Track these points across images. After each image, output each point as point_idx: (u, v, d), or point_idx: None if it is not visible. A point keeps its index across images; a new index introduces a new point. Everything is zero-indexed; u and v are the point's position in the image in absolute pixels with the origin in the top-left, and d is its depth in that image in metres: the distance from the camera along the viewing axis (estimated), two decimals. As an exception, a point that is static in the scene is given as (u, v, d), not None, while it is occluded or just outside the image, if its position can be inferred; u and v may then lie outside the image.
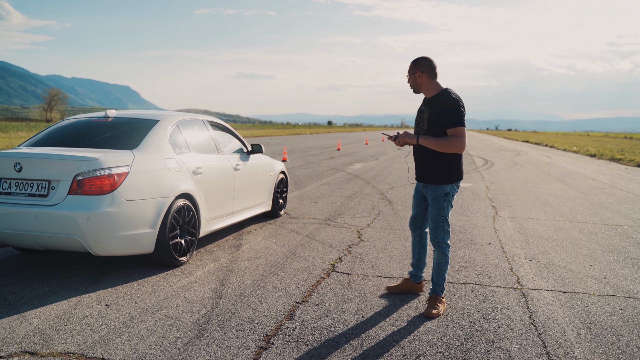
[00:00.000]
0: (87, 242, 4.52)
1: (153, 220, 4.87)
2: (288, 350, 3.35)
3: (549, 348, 3.44)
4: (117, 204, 4.59)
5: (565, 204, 9.68)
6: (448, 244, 4.18)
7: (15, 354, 3.27)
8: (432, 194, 4.14)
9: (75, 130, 5.63)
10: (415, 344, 3.46)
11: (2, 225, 4.67)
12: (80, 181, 4.53)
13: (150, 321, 3.79)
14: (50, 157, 4.70)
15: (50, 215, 4.50)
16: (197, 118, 6.41)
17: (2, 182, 4.76)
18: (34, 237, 4.62)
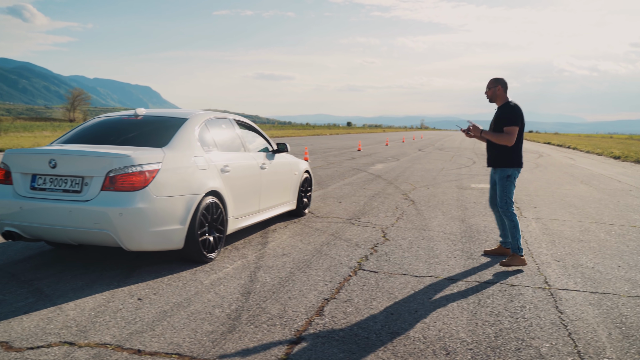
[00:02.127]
0: (119, 237, 4.62)
1: (183, 217, 4.96)
2: (319, 345, 3.40)
3: (580, 347, 3.44)
4: (149, 200, 4.68)
5: (590, 206, 9.59)
6: (513, 212, 5.44)
7: (54, 344, 3.36)
8: (499, 175, 5.52)
9: (106, 128, 5.75)
10: (445, 341, 3.49)
11: (37, 220, 4.79)
12: (112, 177, 4.63)
13: (183, 315, 3.87)
14: (84, 154, 4.81)
15: (83, 211, 4.61)
16: (224, 116, 6.48)
17: (37, 178, 4.89)
18: (67, 232, 4.73)
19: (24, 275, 4.82)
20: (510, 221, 5.43)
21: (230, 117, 6.64)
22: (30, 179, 4.92)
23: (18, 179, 4.96)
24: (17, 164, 5.00)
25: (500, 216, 5.72)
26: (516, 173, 5.49)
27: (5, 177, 5.04)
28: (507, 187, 5.46)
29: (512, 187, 5.48)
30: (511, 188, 5.47)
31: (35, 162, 4.92)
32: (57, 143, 5.57)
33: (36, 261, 5.28)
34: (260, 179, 6.48)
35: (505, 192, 5.46)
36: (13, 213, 4.88)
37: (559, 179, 14.47)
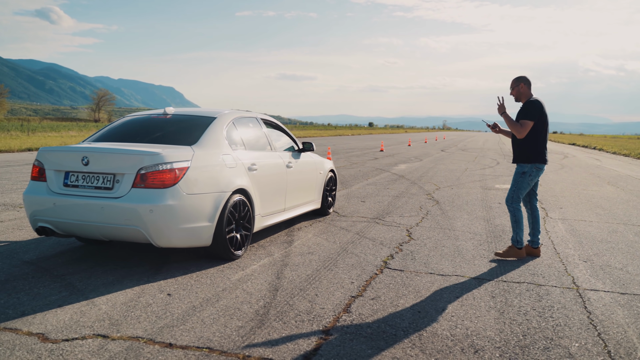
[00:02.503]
0: (150, 234, 4.71)
1: (211, 214, 5.03)
2: (347, 341, 3.43)
3: (610, 347, 3.42)
4: (179, 197, 4.76)
5: (618, 207, 9.46)
6: (518, 208, 5.58)
7: (88, 336, 3.44)
8: (515, 170, 5.67)
9: (135, 126, 5.86)
10: (473, 339, 3.49)
11: (70, 216, 4.91)
12: (143, 175, 4.71)
13: (212, 310, 3.93)
14: (115, 152, 4.91)
15: (115, 207, 4.71)
16: (251, 115, 6.55)
17: (70, 175, 5.01)
18: (99, 228, 4.83)
19: (56, 270, 4.93)
20: (513, 216, 5.59)
21: (257, 116, 6.71)
22: (64, 176, 5.04)
23: (52, 176, 5.09)
24: (50, 161, 5.13)
25: (532, 213, 5.78)
26: (534, 170, 5.54)
27: (40, 174, 5.18)
28: (519, 182, 5.56)
29: (526, 184, 5.56)
30: (523, 185, 5.56)
31: (68, 159, 5.03)
32: (88, 141, 5.68)
33: (67, 256, 5.40)
34: (286, 177, 6.54)
35: (516, 186, 5.58)
36: (47, 209, 5.01)
37: (585, 180, 14.28)
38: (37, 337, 3.43)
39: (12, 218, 7.34)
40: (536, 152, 5.51)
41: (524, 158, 5.55)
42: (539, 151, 5.52)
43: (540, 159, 5.53)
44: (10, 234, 6.37)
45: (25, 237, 6.22)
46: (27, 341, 3.36)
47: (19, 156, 19.00)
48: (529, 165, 5.54)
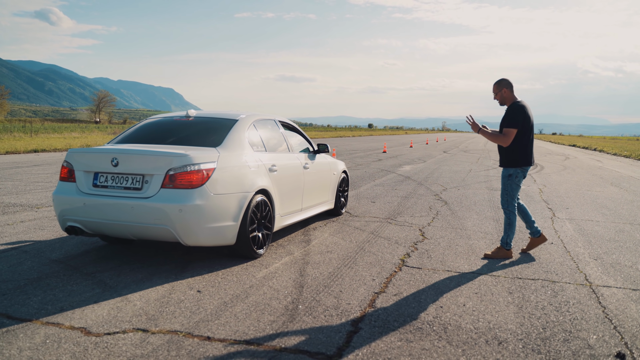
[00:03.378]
0: (178, 233, 4.87)
1: (236, 214, 5.20)
2: (376, 334, 3.60)
3: (626, 339, 3.59)
4: (206, 197, 4.92)
5: (623, 207, 9.64)
6: (512, 211, 5.69)
7: (128, 330, 3.61)
8: (502, 174, 5.78)
9: (160, 128, 6.04)
10: (496, 332, 3.66)
11: (99, 216, 5.06)
12: (172, 175, 4.87)
13: (243, 306, 4.10)
14: (145, 153, 5.05)
15: (145, 207, 4.86)
16: (270, 117, 6.72)
17: (99, 176, 5.17)
18: (129, 227, 4.99)
19: (85, 268, 5.10)
20: (507, 218, 5.72)
21: (275, 118, 6.87)
22: (93, 176, 5.19)
23: (81, 176, 5.24)
24: (80, 162, 5.29)
25: (519, 208, 5.90)
26: (519, 172, 5.63)
27: (69, 175, 5.33)
28: (508, 185, 5.68)
29: (515, 186, 5.66)
30: (512, 187, 5.66)
31: (98, 160, 5.18)
32: (112, 143, 5.84)
33: (93, 255, 5.56)
34: (304, 178, 6.72)
35: (506, 190, 5.70)
36: (76, 209, 5.17)
37: (588, 181, 14.46)
38: (80, 330, 3.60)
39: (32, 218, 7.51)
40: (523, 155, 5.59)
41: (511, 162, 5.61)
42: (525, 154, 5.60)
43: (527, 162, 5.62)
44: (33, 233, 6.54)
45: (48, 236, 6.39)
46: (71, 335, 3.53)
47: (25, 157, 19.19)
48: (515, 169, 5.63)
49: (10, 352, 3.24)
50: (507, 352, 3.35)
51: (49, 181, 11.87)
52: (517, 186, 5.67)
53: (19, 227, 6.88)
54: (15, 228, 6.84)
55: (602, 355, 3.34)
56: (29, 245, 5.95)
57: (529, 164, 5.63)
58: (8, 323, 3.69)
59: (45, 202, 8.95)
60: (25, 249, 5.78)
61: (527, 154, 5.61)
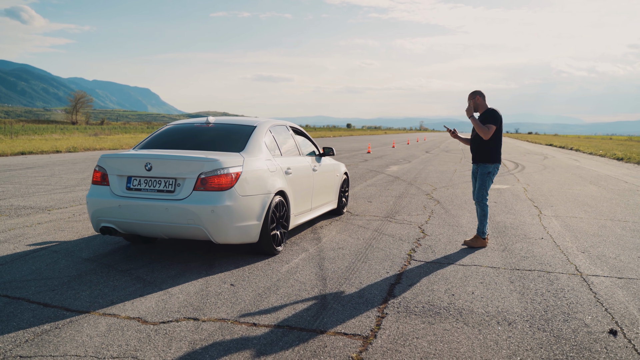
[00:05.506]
0: (210, 232, 5.30)
1: (259, 214, 5.64)
2: (402, 318, 4.10)
3: (617, 319, 4.15)
4: (234, 198, 5.35)
5: (603, 205, 10.30)
6: (486, 204, 6.41)
7: (180, 319, 4.05)
8: (480, 171, 6.46)
9: (182, 134, 6.45)
10: (505, 315, 4.19)
11: (134, 217, 5.46)
12: (204, 179, 5.28)
13: (276, 297, 4.56)
14: (178, 158, 5.44)
15: (179, 209, 5.27)
16: (282, 123, 7.19)
17: (132, 180, 5.55)
18: (162, 227, 5.40)
19: (119, 265, 5.51)
20: (482, 210, 6.46)
21: (286, 124, 7.35)
22: (126, 180, 5.57)
23: (114, 180, 5.61)
24: (113, 167, 5.66)
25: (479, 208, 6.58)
26: (495, 170, 6.47)
27: (102, 179, 5.70)
28: (486, 181, 6.45)
29: (490, 182, 6.48)
30: (489, 182, 6.47)
31: (131, 165, 5.56)
32: (139, 148, 6.23)
33: (122, 254, 5.96)
34: (313, 180, 7.21)
35: (484, 185, 6.46)
36: (111, 211, 5.55)
37: (568, 180, 15.18)
38: (137, 320, 4.02)
39: (47, 220, 7.85)
40: (498, 153, 6.42)
41: (488, 159, 6.41)
42: (499, 152, 6.44)
43: (499, 159, 6.46)
44: (55, 234, 6.90)
45: (70, 237, 6.75)
46: (130, 324, 3.95)
47: (14, 160, 19.28)
48: (492, 165, 6.43)
49: (82, 339, 3.66)
50: (517, 330, 3.88)
51: (49, 184, 12.14)
52: (491, 181, 6.48)
53: (38, 229, 7.22)
54: (35, 230, 7.19)
55: (597, 332, 3.90)
56: (55, 245, 6.32)
57: (498, 161, 6.46)
58: (69, 315, 4.10)
59: (54, 204, 9.27)
60: (54, 249, 6.15)
61: (500, 152, 6.48)
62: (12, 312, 4.15)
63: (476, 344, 3.65)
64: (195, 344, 3.59)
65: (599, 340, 3.76)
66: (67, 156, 21.74)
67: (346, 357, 3.42)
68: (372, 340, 3.68)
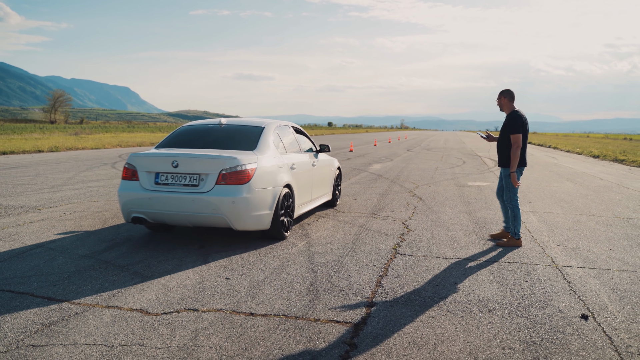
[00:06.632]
0: (231, 220, 6.02)
1: (271, 204, 6.36)
2: (389, 307, 4.37)
3: (588, 305, 4.48)
4: (251, 191, 6.06)
5: (578, 201, 10.71)
6: (516, 205, 6.57)
7: (181, 310, 4.28)
8: (502, 173, 6.74)
9: (198, 134, 7.14)
10: (485, 303, 4.49)
11: (162, 208, 6.13)
12: (224, 174, 5.99)
13: (270, 289, 4.81)
14: (202, 157, 6.14)
15: (203, 200, 5.96)
16: (285, 124, 7.97)
17: (160, 175, 6.22)
18: (188, 216, 6.10)
19: (116, 261, 5.70)
20: (512, 212, 6.63)
21: (289, 124, 8.14)
22: (154, 176, 6.25)
23: (144, 176, 6.28)
24: (142, 164, 6.32)
25: (505, 206, 6.85)
26: (519, 173, 6.59)
27: (132, 175, 6.36)
28: (510, 183, 6.63)
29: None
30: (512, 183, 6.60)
31: (159, 163, 6.22)
32: (161, 147, 6.87)
33: (119, 250, 6.15)
34: (312, 174, 7.98)
35: (507, 187, 6.68)
36: (141, 203, 6.22)
37: (546, 177, 15.63)
38: (140, 312, 4.24)
39: (39, 219, 7.98)
40: (520, 157, 6.53)
41: (508, 162, 6.56)
42: (520, 156, 6.54)
43: (522, 162, 6.58)
44: (49, 232, 7.05)
45: (64, 235, 6.91)
46: (134, 315, 4.17)
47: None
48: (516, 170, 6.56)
49: (89, 329, 3.87)
50: (497, 317, 4.18)
51: (35, 183, 12.20)
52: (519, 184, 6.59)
53: (31, 228, 7.37)
54: (28, 228, 7.33)
55: (570, 316, 4.22)
56: (50, 243, 6.48)
57: (523, 165, 6.58)
58: (74, 308, 4.31)
59: (43, 203, 9.38)
60: (49, 246, 6.32)
61: (523, 156, 6.57)
62: (18, 305, 4.34)
63: (459, 328, 3.95)
64: (197, 333, 3.82)
65: (571, 324, 4.08)
66: (49, 156, 21.68)
67: (340, 342, 3.68)
68: (362, 327, 3.95)
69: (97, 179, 13.33)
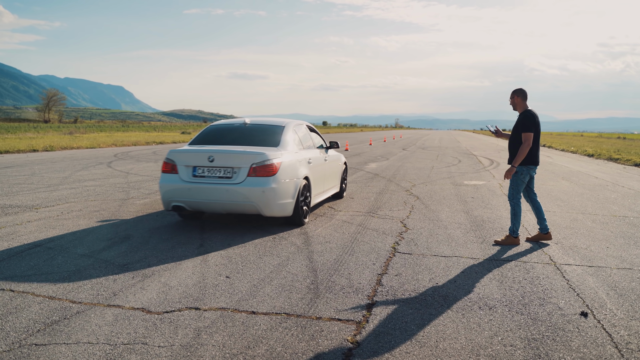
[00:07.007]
0: (260, 208, 6.87)
1: (293, 194, 7.20)
2: (390, 304, 4.40)
3: (587, 302, 4.52)
4: (278, 182, 6.88)
5: (574, 199, 10.77)
6: (517, 203, 6.60)
7: (183, 309, 4.28)
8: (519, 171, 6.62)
9: (226, 132, 8.00)
10: (485, 300, 4.52)
11: (200, 197, 6.96)
12: (255, 168, 6.83)
13: (271, 288, 4.82)
14: (235, 152, 6.97)
15: (237, 190, 6.81)
16: (301, 123, 8.84)
17: (197, 169, 7.06)
18: (223, 204, 6.95)
19: (115, 260, 5.70)
20: (512, 209, 6.65)
21: (304, 123, 9.03)
22: (192, 169, 7.07)
23: (182, 169, 7.12)
24: (180, 159, 7.16)
25: (534, 205, 6.80)
26: (524, 170, 6.56)
27: (172, 169, 7.19)
28: (514, 181, 6.65)
29: (520, 182, 6.61)
30: (518, 182, 6.62)
31: (197, 158, 7.07)
32: (193, 144, 7.71)
33: (116, 250, 6.14)
34: (325, 168, 8.83)
35: (511, 185, 6.68)
36: (181, 193, 7.04)
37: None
38: (141, 310, 4.25)
39: (36, 218, 7.96)
40: (529, 156, 6.49)
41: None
42: (531, 155, 6.50)
43: (532, 161, 6.53)
44: (47, 232, 7.04)
45: (62, 235, 6.90)
46: (135, 313, 4.18)
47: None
48: (520, 167, 6.54)
49: (92, 328, 3.88)
50: (497, 314, 4.21)
51: (31, 183, 12.17)
52: (522, 182, 6.60)
53: (29, 227, 7.35)
54: (26, 227, 7.32)
55: (570, 314, 4.25)
56: (49, 242, 6.47)
57: (533, 164, 6.55)
58: (75, 307, 4.31)
59: (40, 203, 9.36)
60: (48, 245, 6.31)
61: (532, 155, 6.52)
62: (20, 305, 4.33)
63: (460, 326, 3.97)
64: (200, 331, 3.83)
65: (571, 321, 4.11)
66: (44, 155, 21.61)
67: (342, 340, 3.70)
68: (364, 325, 3.97)
69: (93, 179, 13.30)
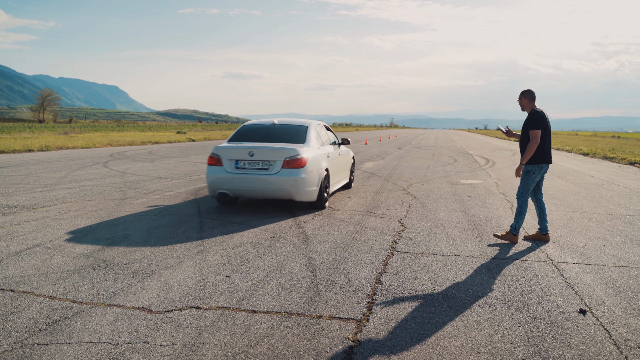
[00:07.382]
0: (292, 194, 8.27)
1: (317, 182, 8.59)
2: (390, 303, 4.42)
3: (585, 300, 4.55)
4: (306, 173, 8.27)
5: (571, 198, 10.82)
6: (524, 202, 6.68)
7: (184, 308, 4.30)
8: (523, 170, 6.69)
9: (259, 131, 9.35)
10: (484, 299, 4.55)
11: (242, 186, 8.31)
12: (288, 161, 8.19)
13: (271, 287, 4.84)
14: (271, 148, 8.33)
15: (273, 179, 8.17)
16: (319, 123, 10.19)
17: (239, 162, 8.43)
18: (262, 191, 8.33)
19: (115, 260, 5.71)
20: (519, 207, 6.72)
21: (321, 123, 10.36)
22: (234, 163, 8.43)
23: (226, 162, 8.49)
24: (225, 154, 8.51)
25: (539, 204, 6.87)
26: (536, 169, 6.61)
27: (217, 162, 8.56)
28: (525, 179, 6.69)
29: (530, 181, 6.65)
30: (528, 181, 6.66)
31: (238, 153, 8.41)
32: (232, 141, 9.00)
33: (115, 250, 6.14)
34: (339, 161, 10.26)
35: (522, 183, 6.73)
36: (226, 182, 8.41)
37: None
38: (142, 310, 4.26)
39: (34, 218, 7.95)
40: (540, 154, 6.54)
41: (530, 159, 6.58)
42: (542, 153, 6.54)
43: (543, 160, 6.57)
44: (45, 232, 7.03)
45: (60, 234, 6.90)
46: (136, 313, 4.19)
47: (-11, 160, 19.02)
48: (532, 165, 6.59)
49: (93, 327, 3.89)
50: (497, 312, 4.25)
51: (27, 183, 12.13)
52: (533, 181, 6.64)
53: (27, 227, 7.34)
54: (24, 227, 7.31)
55: (569, 312, 4.29)
56: (48, 242, 6.47)
57: (545, 162, 6.58)
58: (76, 307, 4.31)
59: (37, 203, 9.34)
60: (47, 245, 6.31)
61: (543, 153, 6.56)
62: (20, 304, 4.34)
63: (460, 324, 4.00)
64: (201, 330, 3.85)
65: (570, 319, 4.14)
66: (40, 155, 21.54)
67: (343, 339, 3.72)
68: (365, 323, 4.00)
69: (90, 178, 13.28)
